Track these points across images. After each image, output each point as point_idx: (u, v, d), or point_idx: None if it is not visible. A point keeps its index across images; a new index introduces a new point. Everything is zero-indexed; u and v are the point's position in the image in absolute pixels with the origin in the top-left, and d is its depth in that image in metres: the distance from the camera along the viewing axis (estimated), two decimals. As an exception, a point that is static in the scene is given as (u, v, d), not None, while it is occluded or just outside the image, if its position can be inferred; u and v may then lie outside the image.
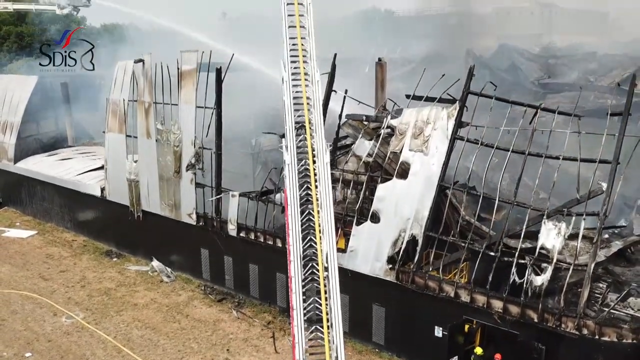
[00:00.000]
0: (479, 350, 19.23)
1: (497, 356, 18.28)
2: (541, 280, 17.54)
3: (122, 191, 30.16)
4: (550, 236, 17.77)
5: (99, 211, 33.16)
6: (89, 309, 25.37)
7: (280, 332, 22.97)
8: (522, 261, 17.99)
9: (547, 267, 17.58)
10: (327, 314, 13.49)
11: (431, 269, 19.97)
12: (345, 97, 22.81)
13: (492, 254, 18.48)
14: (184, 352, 21.86)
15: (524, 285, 17.76)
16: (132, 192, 29.55)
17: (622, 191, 18.38)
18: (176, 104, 26.60)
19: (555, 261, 17.47)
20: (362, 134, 23.02)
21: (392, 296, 20.75)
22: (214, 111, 25.37)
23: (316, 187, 15.02)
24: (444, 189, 19.92)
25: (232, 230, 25.39)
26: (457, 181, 20.02)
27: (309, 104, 16.10)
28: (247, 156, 31.51)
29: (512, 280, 18.00)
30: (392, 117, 21.75)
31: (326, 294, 13.67)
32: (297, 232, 14.26)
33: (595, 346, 16.50)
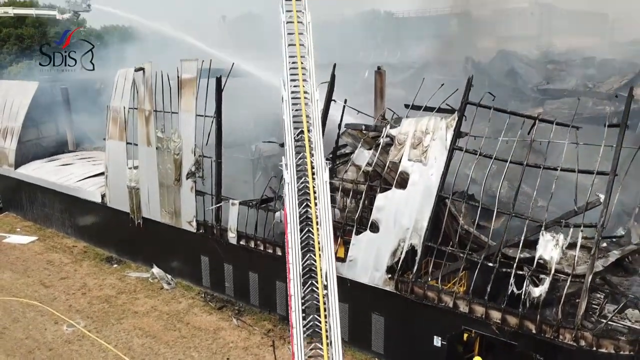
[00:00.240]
0: (479, 359, 19.34)
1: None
2: (539, 291, 17.63)
3: (122, 198, 30.23)
4: (548, 248, 17.89)
5: (99, 217, 33.25)
6: (90, 317, 25.48)
7: (280, 341, 23.09)
8: (521, 272, 18.10)
9: (545, 278, 17.70)
10: (326, 331, 13.59)
11: (430, 278, 20.08)
12: (344, 106, 22.90)
13: (491, 264, 18.60)
14: (185, 361, 22.00)
15: (522, 296, 17.86)
16: (132, 200, 29.65)
17: (621, 198, 18.49)
18: (176, 112, 26.71)
19: (553, 273, 17.59)
20: (361, 143, 23.12)
21: (391, 306, 20.83)
22: (214, 119, 25.47)
23: (315, 204, 15.12)
24: (442, 199, 20.00)
25: (232, 238, 25.48)
26: (456, 192, 20.11)
27: (308, 122, 16.21)
28: (247, 162, 31.59)
29: (510, 291, 18.11)
30: (392, 127, 21.83)
31: (325, 311, 13.77)
32: (297, 250, 14.36)
33: (592, 358, 16.56)
